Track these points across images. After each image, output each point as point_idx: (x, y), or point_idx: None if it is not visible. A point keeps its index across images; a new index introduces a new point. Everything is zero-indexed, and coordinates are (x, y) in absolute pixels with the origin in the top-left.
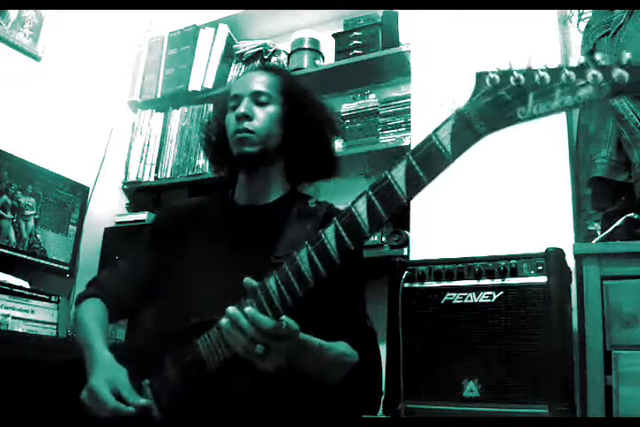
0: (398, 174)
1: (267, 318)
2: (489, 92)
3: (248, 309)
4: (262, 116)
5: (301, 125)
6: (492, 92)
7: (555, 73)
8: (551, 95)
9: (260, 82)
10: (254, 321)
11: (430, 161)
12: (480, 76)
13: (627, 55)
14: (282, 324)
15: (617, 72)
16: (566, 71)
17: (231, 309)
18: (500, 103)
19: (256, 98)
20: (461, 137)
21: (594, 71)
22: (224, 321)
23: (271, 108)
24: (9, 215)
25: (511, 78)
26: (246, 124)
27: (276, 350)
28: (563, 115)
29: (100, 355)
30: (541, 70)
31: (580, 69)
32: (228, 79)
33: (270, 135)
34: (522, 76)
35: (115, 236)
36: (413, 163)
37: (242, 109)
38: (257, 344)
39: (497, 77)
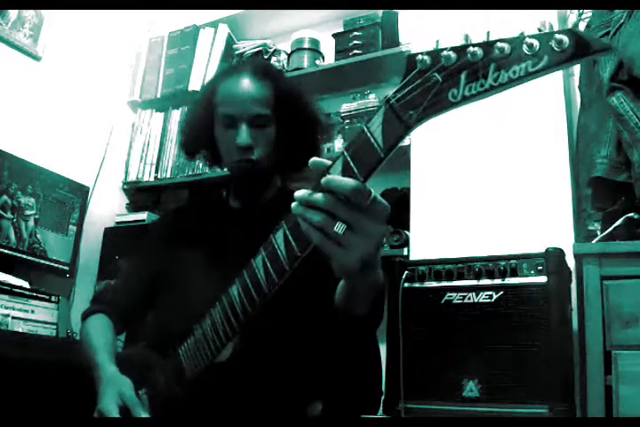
0: (335, 171)
1: (346, 179)
2: (418, 76)
3: (325, 177)
4: (263, 143)
5: (296, 139)
6: (422, 74)
7: (488, 47)
8: (484, 72)
9: (256, 99)
10: (330, 187)
11: (363, 156)
12: (409, 59)
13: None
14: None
15: (555, 38)
16: (499, 44)
17: (299, 191)
18: (429, 87)
19: (254, 121)
20: (391, 129)
21: (529, 40)
22: (294, 205)
23: (269, 130)
24: (9, 215)
25: (442, 57)
26: (249, 156)
27: (361, 228)
28: (563, 116)
29: (106, 371)
30: (473, 45)
31: (515, 40)
32: None
33: (269, 156)
34: (452, 54)
35: (115, 236)
36: (348, 159)
37: (244, 140)
38: (337, 222)
39: (426, 58)
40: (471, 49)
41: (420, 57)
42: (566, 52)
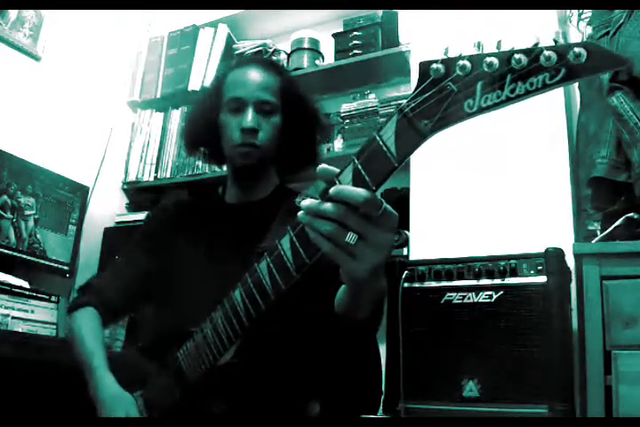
0: (346, 179)
1: (358, 189)
2: (432, 85)
3: (335, 187)
4: (267, 129)
5: (299, 134)
6: (436, 84)
7: (504, 57)
8: (500, 83)
9: (264, 86)
10: (341, 197)
11: (375, 165)
12: (423, 67)
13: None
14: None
15: (573, 51)
16: (516, 55)
17: (306, 201)
18: (444, 97)
19: (261, 107)
20: (406, 137)
21: (546, 52)
22: (300, 214)
23: (275, 119)
24: (9, 215)
25: (457, 67)
26: (253, 139)
27: (373, 238)
28: (563, 116)
29: (105, 382)
30: (489, 55)
31: (532, 51)
32: None
33: (272, 145)
34: (467, 63)
35: (115, 236)
36: (359, 167)
37: (250, 123)
38: (348, 232)
39: (441, 67)
40: (487, 59)
41: (434, 66)
42: (584, 65)
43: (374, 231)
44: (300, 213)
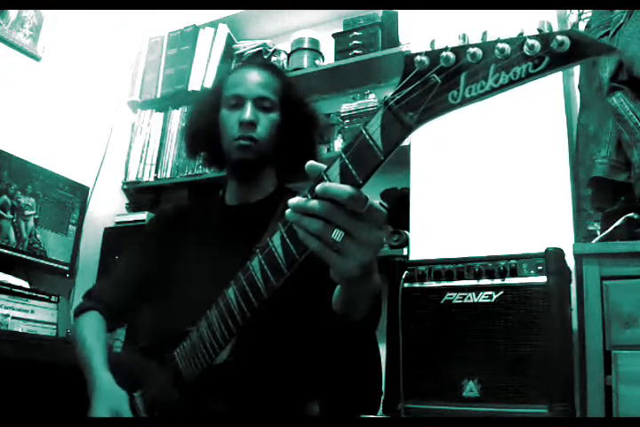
0: (333, 174)
1: (343, 186)
2: (417, 77)
3: (320, 184)
4: (266, 124)
5: (297, 133)
6: (420, 76)
7: (488, 47)
8: (484, 73)
9: (263, 85)
10: (327, 194)
11: (362, 159)
12: (408, 60)
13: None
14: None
15: (556, 39)
16: (499, 45)
17: (294, 199)
18: (428, 89)
19: (260, 103)
20: (391, 130)
21: (529, 41)
22: (288, 212)
23: (273, 115)
24: (9, 215)
25: (440, 59)
26: (251, 133)
27: (359, 235)
28: (563, 116)
29: (101, 380)
30: (472, 46)
31: (516, 41)
32: None
33: (270, 142)
34: (451, 55)
35: (115, 236)
36: (347, 162)
37: (248, 116)
38: (334, 229)
39: (425, 59)
40: (471, 50)
41: (418, 58)
42: (567, 53)
43: (361, 228)
44: (287, 211)
